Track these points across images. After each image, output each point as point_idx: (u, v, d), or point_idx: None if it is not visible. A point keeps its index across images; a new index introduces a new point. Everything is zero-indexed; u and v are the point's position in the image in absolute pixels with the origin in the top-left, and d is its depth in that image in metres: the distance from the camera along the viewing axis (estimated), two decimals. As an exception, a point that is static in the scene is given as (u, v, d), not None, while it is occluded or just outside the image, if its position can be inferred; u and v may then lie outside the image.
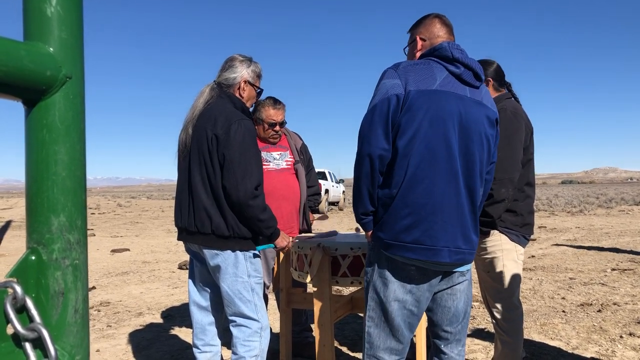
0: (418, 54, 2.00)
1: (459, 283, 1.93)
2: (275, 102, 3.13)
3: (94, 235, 11.95)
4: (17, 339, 0.58)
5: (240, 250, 2.26)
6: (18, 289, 0.58)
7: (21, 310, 0.59)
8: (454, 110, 1.81)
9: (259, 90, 2.49)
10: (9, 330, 0.59)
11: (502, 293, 2.58)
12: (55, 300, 0.61)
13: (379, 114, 1.79)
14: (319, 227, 2.99)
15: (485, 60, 2.69)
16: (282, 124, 3.16)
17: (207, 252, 2.27)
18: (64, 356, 0.61)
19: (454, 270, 1.88)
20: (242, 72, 2.40)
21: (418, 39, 2.03)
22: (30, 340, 0.58)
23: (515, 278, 2.57)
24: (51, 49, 0.62)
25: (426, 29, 2.03)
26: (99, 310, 4.80)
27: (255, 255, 2.33)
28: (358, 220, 1.94)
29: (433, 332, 2.02)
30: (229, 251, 2.24)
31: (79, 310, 0.63)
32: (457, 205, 1.80)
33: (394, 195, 1.79)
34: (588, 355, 3.33)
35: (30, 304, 0.58)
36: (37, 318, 0.58)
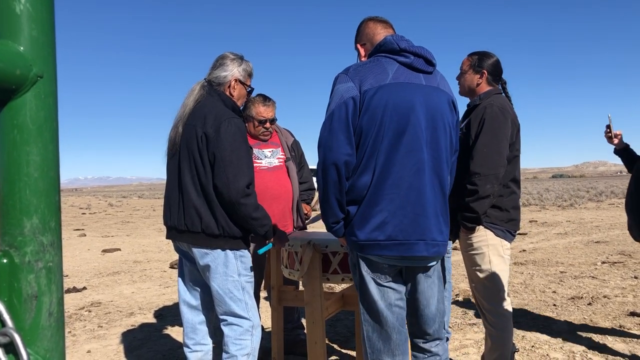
0: (364, 59, 1.98)
1: (427, 287, 1.87)
2: (265, 99, 3.12)
3: (85, 235, 11.86)
4: (-12, 344, 0.57)
5: (230, 249, 2.24)
6: (-11, 293, 0.57)
7: (-8, 315, 0.58)
8: (414, 100, 1.77)
9: (249, 89, 2.48)
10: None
11: (489, 288, 2.59)
12: (28, 304, 0.60)
13: (337, 120, 1.75)
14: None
15: (485, 53, 2.69)
16: (272, 120, 3.15)
17: (197, 251, 2.25)
18: (38, 360, 0.60)
19: (428, 265, 1.84)
20: (233, 71, 2.38)
21: (359, 46, 2.03)
22: (2, 345, 0.56)
23: (502, 273, 2.58)
24: (21, 48, 0.60)
25: (363, 34, 2.03)
26: (89, 311, 4.77)
27: (245, 254, 2.32)
28: (329, 229, 1.90)
29: (411, 332, 1.99)
30: (218, 250, 2.23)
31: (54, 314, 0.61)
32: (427, 196, 1.77)
33: (364, 195, 1.76)
34: (579, 349, 3.36)
35: (1, 308, 0.57)
36: (9, 322, 0.57)
